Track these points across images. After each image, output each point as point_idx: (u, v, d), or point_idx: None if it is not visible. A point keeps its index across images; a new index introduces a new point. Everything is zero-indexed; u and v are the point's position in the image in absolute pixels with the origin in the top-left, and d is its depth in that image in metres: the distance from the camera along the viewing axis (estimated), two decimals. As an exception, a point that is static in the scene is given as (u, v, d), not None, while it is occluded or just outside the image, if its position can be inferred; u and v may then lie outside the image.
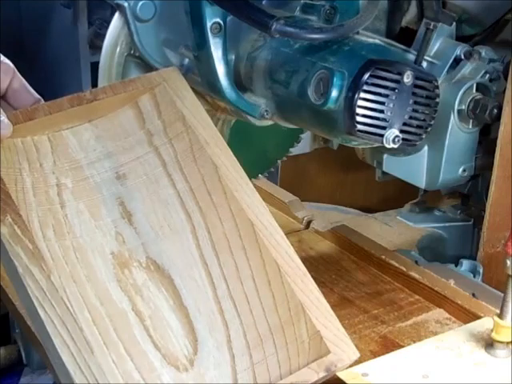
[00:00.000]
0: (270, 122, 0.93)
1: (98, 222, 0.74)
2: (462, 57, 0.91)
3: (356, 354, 0.69)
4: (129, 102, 0.80)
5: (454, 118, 0.92)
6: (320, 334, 0.68)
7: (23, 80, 0.80)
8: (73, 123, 0.78)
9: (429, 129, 0.84)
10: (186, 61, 0.91)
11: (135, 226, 0.75)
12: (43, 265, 0.67)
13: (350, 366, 0.69)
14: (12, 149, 0.75)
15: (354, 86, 0.77)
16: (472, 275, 0.95)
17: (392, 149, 0.82)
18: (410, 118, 0.81)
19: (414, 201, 1.23)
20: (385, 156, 1.00)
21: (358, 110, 0.78)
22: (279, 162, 1.15)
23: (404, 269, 0.94)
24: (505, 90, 0.90)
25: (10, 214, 0.70)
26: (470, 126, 0.93)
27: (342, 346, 0.69)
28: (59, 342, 0.64)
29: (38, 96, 0.80)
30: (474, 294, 0.87)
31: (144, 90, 0.80)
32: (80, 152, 0.77)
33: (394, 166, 1.00)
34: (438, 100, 0.83)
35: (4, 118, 0.73)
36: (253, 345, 0.70)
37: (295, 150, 1.15)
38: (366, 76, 0.77)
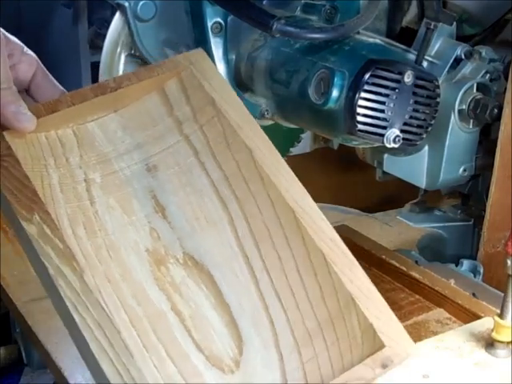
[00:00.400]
0: (270, 122, 0.93)
1: (130, 217, 0.70)
2: (463, 57, 0.91)
3: (411, 344, 0.64)
4: (155, 87, 0.75)
5: (454, 118, 0.92)
6: (373, 327, 0.63)
7: (47, 72, 0.77)
8: (98, 114, 0.73)
9: (429, 128, 0.84)
10: (187, 60, 0.91)
11: (169, 220, 0.71)
12: (75, 264, 0.62)
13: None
14: (36, 144, 0.71)
15: (355, 86, 0.77)
16: (472, 275, 0.95)
17: (392, 148, 0.82)
18: (411, 117, 0.81)
19: (414, 201, 1.23)
20: (385, 156, 1.00)
21: (359, 110, 0.78)
22: (279, 161, 1.15)
23: (404, 269, 0.93)
24: (505, 90, 0.90)
25: (37, 212, 0.65)
26: (471, 126, 0.93)
27: (397, 338, 0.63)
28: (97, 347, 0.59)
29: (63, 89, 0.77)
30: (474, 294, 0.87)
31: (170, 75, 0.75)
32: (107, 145, 0.73)
33: (394, 166, 1.00)
34: (438, 100, 0.83)
35: (27, 110, 0.70)
36: (301, 342, 0.65)
37: (295, 150, 1.15)
38: (367, 76, 0.77)
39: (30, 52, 0.76)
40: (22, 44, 0.76)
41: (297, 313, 0.66)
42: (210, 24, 0.84)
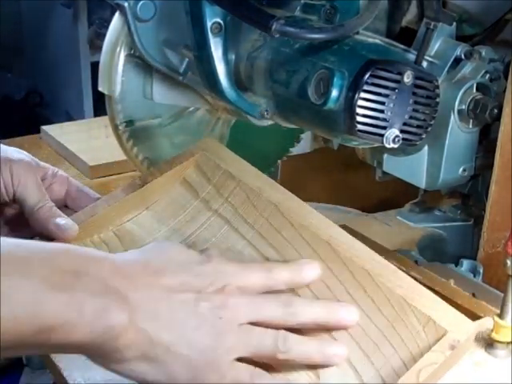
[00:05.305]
0: (270, 122, 0.93)
1: None
2: (463, 57, 0.91)
3: (473, 326, 0.69)
4: (176, 178, 0.85)
5: (454, 118, 0.92)
6: (432, 318, 0.68)
7: (79, 185, 0.86)
8: (132, 213, 0.83)
9: (429, 129, 0.84)
10: (186, 61, 0.91)
11: None
12: None
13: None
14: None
15: (355, 86, 0.77)
16: (472, 275, 0.95)
17: (392, 149, 0.82)
18: (411, 117, 0.81)
19: (414, 201, 1.23)
20: (385, 156, 1.00)
21: (358, 110, 0.78)
22: (279, 161, 1.15)
23: (404, 269, 0.93)
24: (505, 90, 0.90)
25: None
26: (470, 126, 0.93)
27: (456, 322, 0.69)
28: None
29: (97, 195, 0.86)
30: (474, 294, 0.87)
31: (187, 164, 0.85)
32: (147, 236, 0.81)
33: (394, 166, 1.00)
34: (438, 100, 0.83)
35: (67, 220, 0.78)
36: (370, 353, 0.69)
37: (295, 150, 1.15)
38: (367, 76, 0.77)
39: (61, 172, 0.86)
40: (52, 167, 0.85)
41: (358, 328, 0.70)
42: (209, 24, 0.84)
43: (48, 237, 0.77)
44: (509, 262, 0.71)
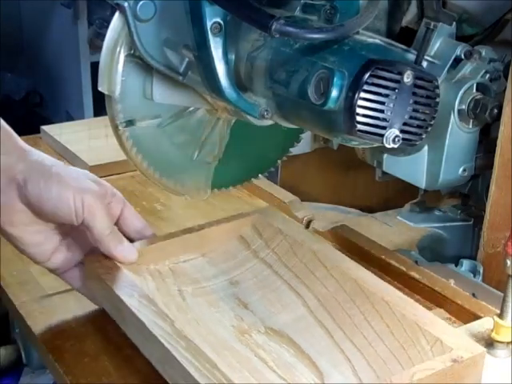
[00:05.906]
0: (270, 122, 0.93)
1: (216, 309, 0.83)
2: (462, 57, 0.91)
3: (480, 348, 0.71)
4: (232, 232, 0.94)
5: (454, 118, 0.92)
6: (440, 340, 0.71)
7: (132, 209, 0.90)
8: (188, 256, 0.91)
9: (429, 129, 0.84)
10: (186, 61, 0.91)
11: (251, 309, 0.84)
12: (167, 318, 0.74)
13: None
14: (136, 270, 0.84)
15: (355, 86, 0.77)
16: (472, 275, 0.95)
17: (392, 149, 0.82)
18: (411, 117, 0.81)
19: (414, 201, 1.23)
20: (385, 156, 1.00)
21: (358, 110, 0.78)
22: (279, 161, 1.15)
23: (404, 269, 0.94)
24: (505, 90, 0.90)
25: (136, 292, 0.78)
26: (470, 126, 0.94)
27: (464, 344, 0.71)
28: (187, 362, 0.68)
29: (145, 222, 0.90)
30: (474, 294, 0.87)
31: (244, 221, 0.95)
32: (197, 273, 0.89)
33: (394, 166, 1.00)
34: (438, 100, 0.83)
35: (130, 245, 0.84)
36: (378, 368, 0.73)
37: (295, 150, 1.15)
38: (367, 76, 0.77)
39: (118, 192, 0.88)
40: (110, 186, 0.87)
41: (370, 349, 0.75)
42: (209, 24, 0.84)
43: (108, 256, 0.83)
44: (509, 261, 0.71)
